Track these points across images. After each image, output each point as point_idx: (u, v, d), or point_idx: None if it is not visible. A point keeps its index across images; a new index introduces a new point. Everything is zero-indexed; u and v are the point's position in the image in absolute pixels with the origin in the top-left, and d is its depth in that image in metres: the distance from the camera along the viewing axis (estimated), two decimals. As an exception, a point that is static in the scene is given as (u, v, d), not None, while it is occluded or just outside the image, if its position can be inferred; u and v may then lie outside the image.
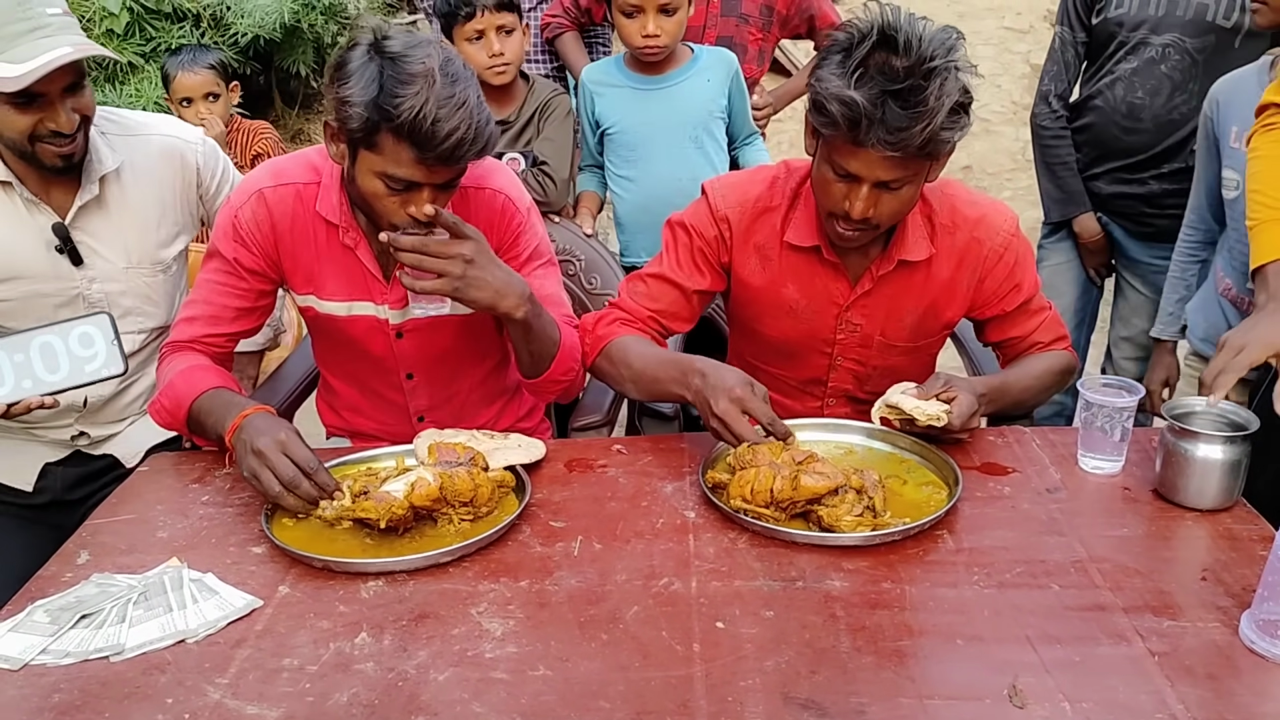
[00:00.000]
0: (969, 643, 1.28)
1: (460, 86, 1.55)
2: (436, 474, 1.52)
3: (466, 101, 1.55)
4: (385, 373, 1.94)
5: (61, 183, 1.89)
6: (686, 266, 1.90)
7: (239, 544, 1.54)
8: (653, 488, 1.66)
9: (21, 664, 1.28)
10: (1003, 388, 1.83)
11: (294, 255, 1.82)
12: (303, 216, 1.80)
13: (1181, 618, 1.31)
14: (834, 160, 1.63)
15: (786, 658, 1.25)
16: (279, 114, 6.19)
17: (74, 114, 1.78)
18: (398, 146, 1.56)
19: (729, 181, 1.92)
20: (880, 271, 1.82)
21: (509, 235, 1.85)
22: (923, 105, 1.51)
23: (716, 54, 2.82)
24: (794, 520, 1.54)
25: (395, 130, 1.54)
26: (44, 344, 1.67)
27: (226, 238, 1.81)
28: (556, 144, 2.73)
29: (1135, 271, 2.90)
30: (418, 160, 1.56)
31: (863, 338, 1.90)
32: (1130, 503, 1.58)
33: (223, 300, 1.83)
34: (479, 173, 1.82)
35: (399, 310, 1.85)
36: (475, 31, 2.58)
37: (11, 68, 1.67)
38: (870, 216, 1.65)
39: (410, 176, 1.59)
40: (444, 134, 1.53)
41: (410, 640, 1.31)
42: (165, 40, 4.89)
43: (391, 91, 1.52)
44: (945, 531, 1.51)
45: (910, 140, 1.53)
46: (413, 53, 1.55)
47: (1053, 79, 2.81)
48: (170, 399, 1.75)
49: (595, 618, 1.34)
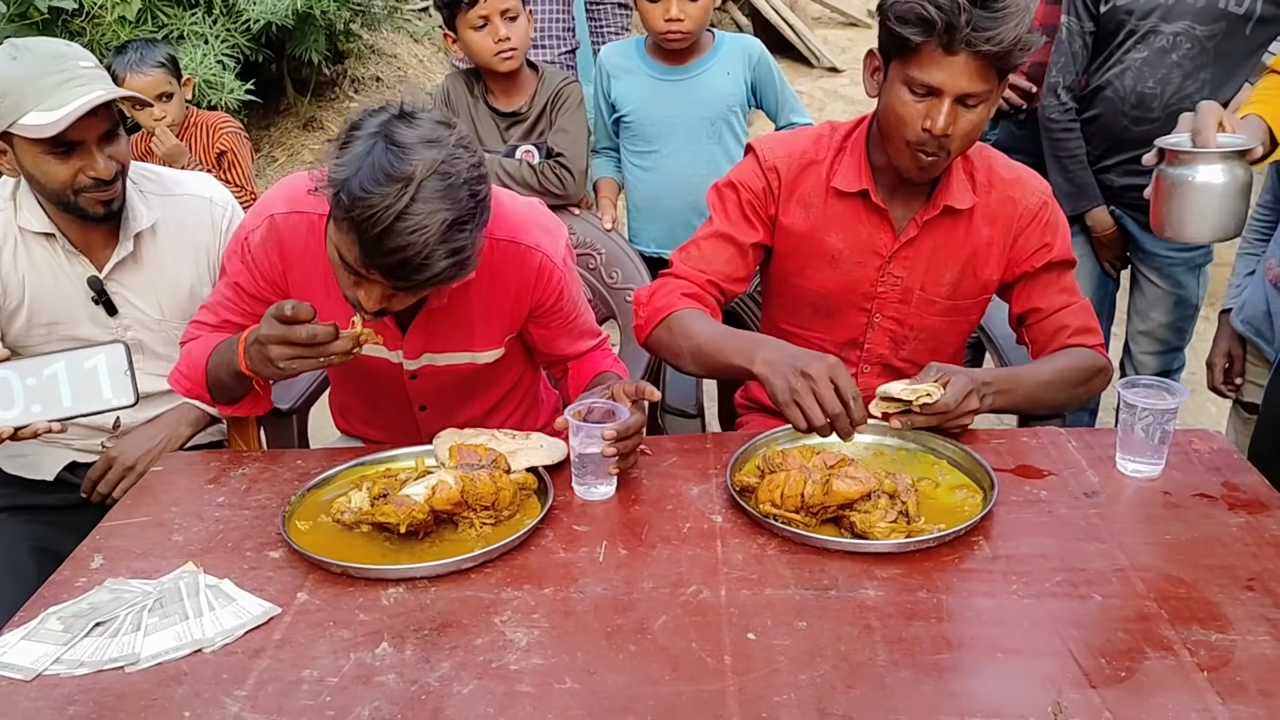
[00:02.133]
0: (1009, 656, 1.24)
1: (438, 206, 1.40)
2: (458, 477, 1.48)
3: (432, 225, 1.39)
4: (398, 403, 1.89)
5: (100, 236, 1.95)
6: (738, 221, 1.90)
7: (255, 548, 1.51)
8: (678, 490, 1.62)
9: (34, 674, 1.25)
10: (1014, 378, 1.79)
11: (303, 286, 1.75)
12: (314, 249, 1.70)
13: (1230, 630, 1.27)
14: (913, 78, 1.66)
15: (821, 671, 1.21)
16: (291, 101, 6.16)
17: (111, 161, 1.83)
18: (348, 237, 1.44)
19: (776, 138, 1.96)
20: (926, 218, 1.83)
21: (549, 295, 1.78)
22: (1010, 7, 1.60)
23: (738, 42, 2.77)
24: (825, 525, 1.50)
25: (348, 221, 1.42)
26: (56, 370, 1.67)
27: (235, 257, 1.77)
28: (571, 135, 2.68)
29: (1151, 265, 2.85)
30: (360, 261, 1.44)
31: (903, 292, 1.90)
32: (1172, 508, 1.53)
33: (228, 315, 1.82)
34: (510, 225, 1.72)
35: (415, 359, 1.80)
36: (479, 18, 2.53)
37: (47, 114, 1.73)
38: (949, 135, 1.68)
39: (356, 270, 1.48)
40: (390, 247, 1.40)
41: (432, 651, 1.27)
42: (177, 27, 4.85)
43: (364, 182, 1.39)
44: (981, 538, 1.47)
45: (1004, 36, 1.59)
46: (412, 149, 1.41)
47: (1060, 70, 2.75)
48: (188, 364, 1.80)
49: (622, 627, 1.30)
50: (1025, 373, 1.83)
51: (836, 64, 8.22)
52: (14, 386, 1.67)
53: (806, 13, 8.74)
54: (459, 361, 1.81)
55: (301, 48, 5.55)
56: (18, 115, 1.75)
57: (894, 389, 1.66)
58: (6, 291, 1.91)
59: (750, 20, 8.34)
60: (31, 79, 1.75)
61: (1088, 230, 2.83)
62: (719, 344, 1.74)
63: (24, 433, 1.67)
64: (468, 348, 1.81)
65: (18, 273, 1.91)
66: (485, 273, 1.69)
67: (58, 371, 1.66)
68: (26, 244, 1.92)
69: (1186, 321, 2.92)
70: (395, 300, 1.54)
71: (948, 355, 1.96)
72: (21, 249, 1.91)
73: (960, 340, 2.02)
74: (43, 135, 1.73)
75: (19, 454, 2.03)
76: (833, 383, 1.54)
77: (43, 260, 1.93)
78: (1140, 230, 2.80)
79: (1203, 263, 2.86)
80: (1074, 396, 1.87)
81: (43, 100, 1.74)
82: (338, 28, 5.86)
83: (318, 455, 1.81)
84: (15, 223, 1.91)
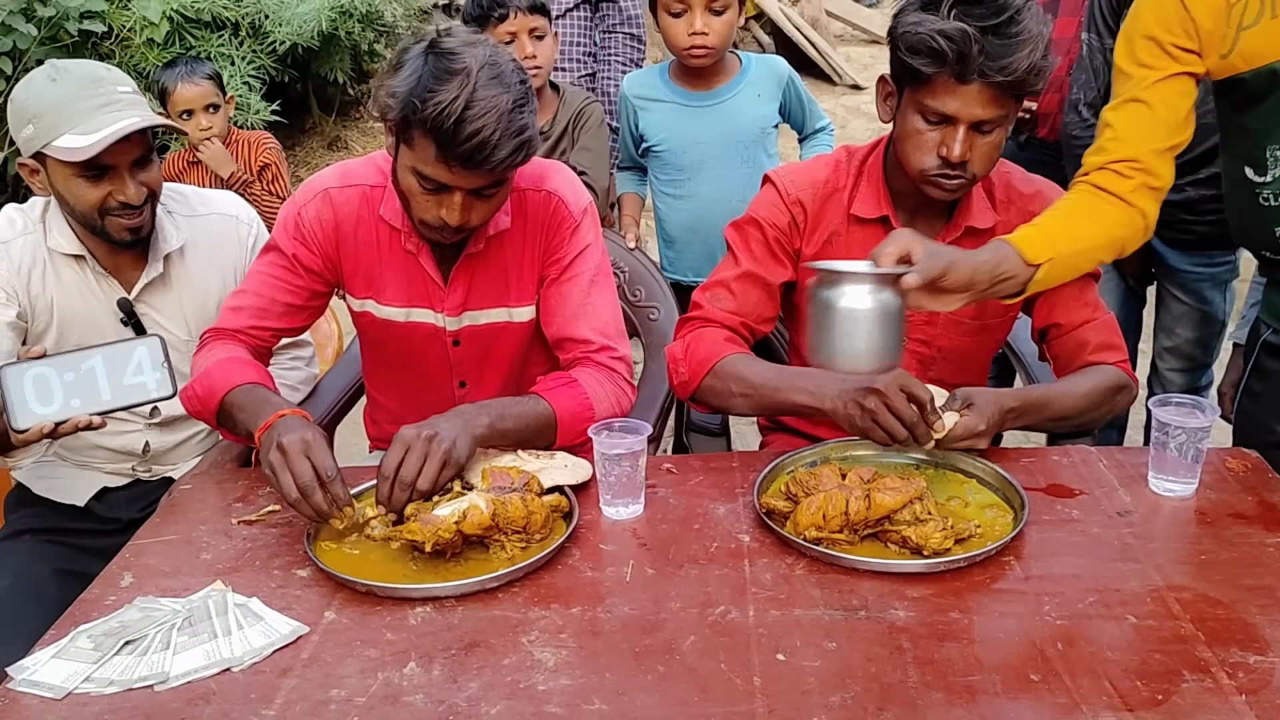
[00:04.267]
0: (1043, 679, 1.22)
1: (497, 90, 1.52)
2: (489, 500, 1.48)
3: (498, 106, 1.51)
4: (436, 383, 1.92)
5: (129, 258, 1.97)
6: (766, 261, 1.88)
7: (283, 566, 1.51)
8: (705, 509, 1.61)
9: (65, 693, 1.25)
10: (1041, 402, 1.75)
11: (355, 258, 1.82)
12: (367, 219, 1.80)
13: (1270, 652, 1.24)
14: (927, 107, 1.65)
15: (852, 693, 1.20)
16: (316, 121, 6.22)
17: (142, 187, 1.85)
18: (425, 142, 1.55)
19: (793, 169, 1.93)
20: (948, 240, 1.80)
21: (557, 239, 1.82)
22: (1024, 34, 1.57)
23: (766, 64, 2.75)
24: (864, 542, 1.49)
25: (421, 124, 1.53)
26: (94, 364, 1.66)
27: (287, 234, 1.81)
28: (594, 153, 2.69)
29: (1176, 281, 2.82)
30: (439, 159, 1.55)
31: (929, 314, 1.86)
32: (1206, 526, 1.51)
33: (273, 294, 1.83)
34: (536, 174, 1.81)
35: (456, 317, 1.84)
36: (508, 34, 2.55)
37: (81, 138, 1.75)
38: (967, 160, 1.66)
39: (435, 176, 1.58)
40: (466, 134, 1.50)
41: (460, 671, 1.27)
42: (205, 49, 4.91)
43: (426, 85, 1.52)
44: (1012, 558, 1.45)
45: (1017, 65, 1.57)
46: (461, 51, 1.54)
47: (1081, 87, 2.72)
48: (204, 387, 1.75)
49: (650, 648, 1.29)
50: (1051, 395, 1.79)
51: (859, 81, 8.21)
52: (52, 382, 1.66)
53: (829, 30, 8.74)
54: (498, 319, 1.86)
55: (326, 68, 5.61)
56: (53, 137, 1.76)
57: None
58: (35, 314, 1.92)
59: (772, 39, 8.36)
60: (69, 102, 1.77)
61: None
62: (777, 385, 1.74)
63: (64, 428, 1.66)
64: (504, 302, 1.85)
65: (46, 294, 1.93)
66: (515, 221, 1.79)
67: (95, 366, 1.66)
68: (55, 266, 1.93)
69: (1213, 338, 2.88)
70: (474, 211, 1.64)
71: (974, 373, 1.95)
72: (50, 271, 1.93)
73: (986, 358, 2.00)
74: (76, 159, 1.75)
75: (50, 476, 2.05)
76: (904, 391, 1.55)
77: (71, 282, 1.94)
78: (1165, 246, 2.77)
79: (1229, 279, 2.82)
80: (1099, 416, 1.84)
81: (79, 124, 1.76)
82: (362, 48, 5.92)
83: (345, 473, 1.81)
84: (45, 245, 1.92)
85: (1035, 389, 1.85)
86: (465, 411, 1.66)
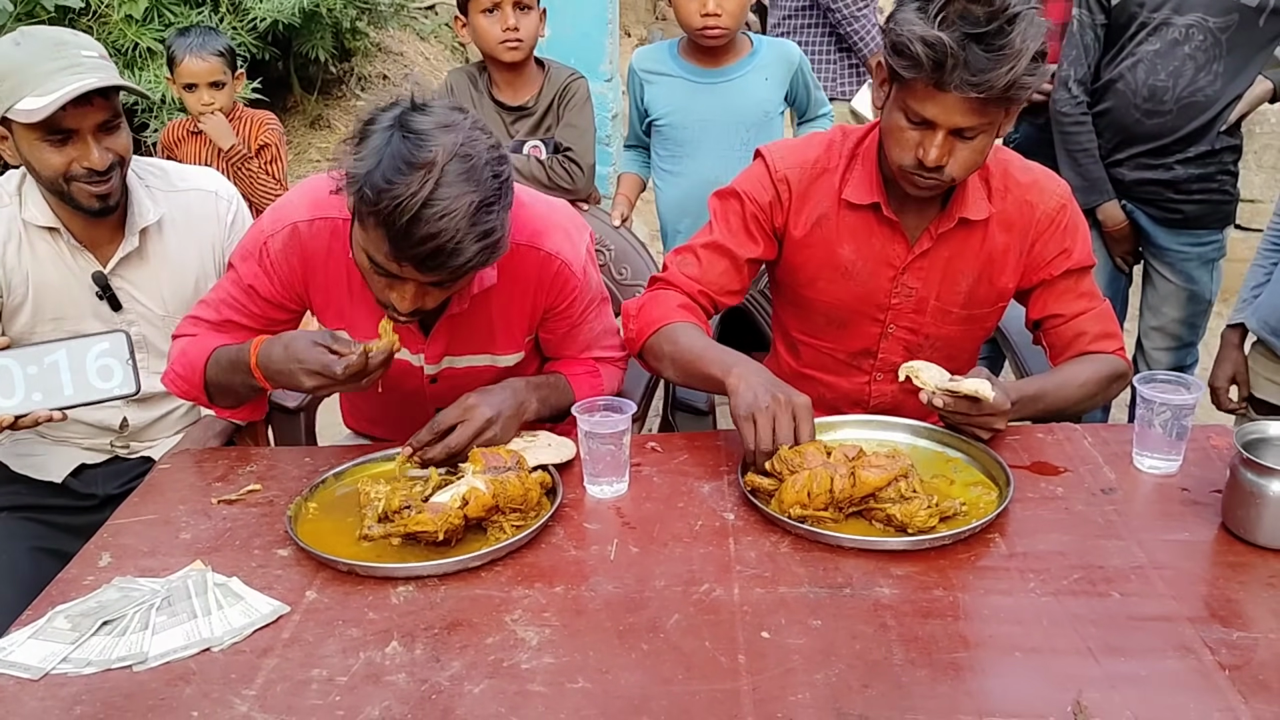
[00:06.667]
0: (1028, 655, 1.22)
1: (463, 189, 1.38)
2: (488, 481, 1.46)
3: (459, 209, 1.37)
4: (413, 405, 1.86)
5: (105, 231, 1.93)
6: (739, 234, 1.86)
7: (264, 546, 1.49)
8: (689, 488, 1.60)
9: (42, 673, 1.24)
10: (1038, 396, 1.75)
11: (325, 291, 1.74)
12: (338, 253, 1.68)
13: (1252, 628, 1.25)
14: (909, 106, 1.60)
15: (837, 670, 1.20)
16: (298, 99, 6.14)
17: (107, 153, 1.80)
18: (377, 234, 1.41)
19: (786, 145, 1.89)
20: (940, 230, 1.78)
21: (563, 300, 1.77)
22: (1008, 49, 1.51)
23: (777, 47, 2.72)
24: (849, 520, 1.48)
25: (375, 216, 1.39)
26: (57, 358, 1.65)
27: (250, 260, 1.72)
28: (579, 129, 2.67)
29: (1163, 259, 2.82)
30: (390, 256, 1.42)
31: (917, 302, 1.85)
32: (1190, 504, 1.51)
33: (231, 316, 1.77)
34: (532, 228, 1.70)
35: (435, 363, 1.79)
36: (491, 3, 2.52)
37: (40, 100, 1.70)
38: (945, 165, 1.62)
39: (386, 268, 1.45)
40: (420, 236, 1.37)
41: (443, 650, 1.26)
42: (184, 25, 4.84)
43: (385, 174, 1.37)
44: (997, 535, 1.45)
45: (994, 83, 1.51)
46: (430, 135, 1.38)
47: (1071, 63, 2.72)
48: (184, 364, 1.75)
49: (635, 626, 1.29)
50: (1051, 386, 1.78)
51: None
52: (14, 375, 1.65)
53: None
54: (480, 364, 1.80)
55: (308, 46, 5.54)
56: (15, 100, 1.72)
57: (933, 374, 1.64)
58: (10, 287, 1.89)
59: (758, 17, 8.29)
60: (31, 64, 1.72)
61: (1099, 225, 2.80)
62: (699, 354, 1.72)
63: (24, 421, 1.65)
64: (488, 350, 1.80)
65: (21, 268, 1.89)
66: (505, 276, 1.69)
67: (59, 360, 1.65)
68: (30, 239, 1.90)
69: (1199, 317, 2.89)
70: (429, 297, 1.52)
71: (963, 361, 1.93)
72: (25, 244, 1.90)
73: (975, 346, 1.99)
74: (32, 120, 1.70)
75: (27, 453, 2.02)
76: (794, 419, 1.53)
77: (46, 255, 1.91)
78: (1152, 224, 2.77)
79: (1216, 257, 2.83)
80: (1095, 404, 1.86)
81: (38, 86, 1.71)
82: (344, 26, 5.84)
83: (325, 453, 1.80)
84: (20, 217, 1.89)
85: (1031, 381, 1.83)
86: (520, 393, 1.70)
